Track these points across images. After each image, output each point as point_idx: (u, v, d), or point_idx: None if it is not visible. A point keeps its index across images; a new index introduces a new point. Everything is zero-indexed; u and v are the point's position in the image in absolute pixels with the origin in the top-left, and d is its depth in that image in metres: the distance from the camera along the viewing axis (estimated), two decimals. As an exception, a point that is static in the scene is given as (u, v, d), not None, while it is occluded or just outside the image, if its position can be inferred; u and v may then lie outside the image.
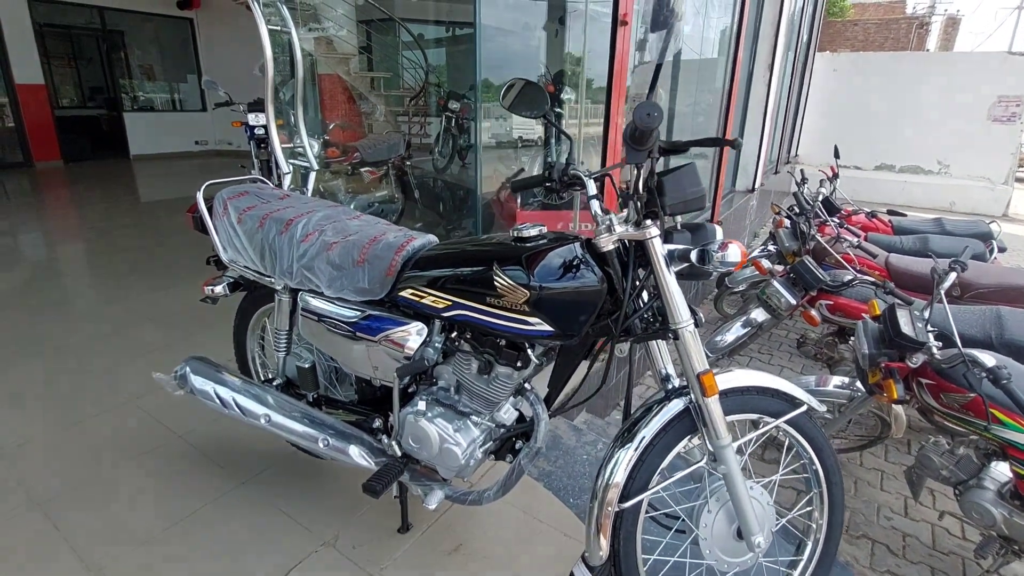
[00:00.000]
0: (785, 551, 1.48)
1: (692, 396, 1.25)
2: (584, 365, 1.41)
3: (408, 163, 4.68)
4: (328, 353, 1.60)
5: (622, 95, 2.60)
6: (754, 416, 1.34)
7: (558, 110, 4.32)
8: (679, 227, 1.23)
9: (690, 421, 1.27)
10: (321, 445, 1.57)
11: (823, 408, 1.40)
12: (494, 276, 1.23)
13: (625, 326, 1.22)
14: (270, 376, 1.87)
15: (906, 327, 2.06)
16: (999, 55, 8.95)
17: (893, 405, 2.24)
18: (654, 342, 1.29)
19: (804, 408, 1.34)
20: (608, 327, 1.25)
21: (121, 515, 1.75)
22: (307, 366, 1.65)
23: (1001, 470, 1.96)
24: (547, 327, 1.21)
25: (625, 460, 1.23)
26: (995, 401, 1.82)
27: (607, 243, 1.20)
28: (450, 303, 1.32)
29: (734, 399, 1.29)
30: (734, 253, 1.09)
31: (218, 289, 1.73)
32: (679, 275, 1.20)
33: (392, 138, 4.67)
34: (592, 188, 1.28)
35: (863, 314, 2.55)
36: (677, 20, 1.00)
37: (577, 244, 1.24)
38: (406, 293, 1.40)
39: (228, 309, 2.01)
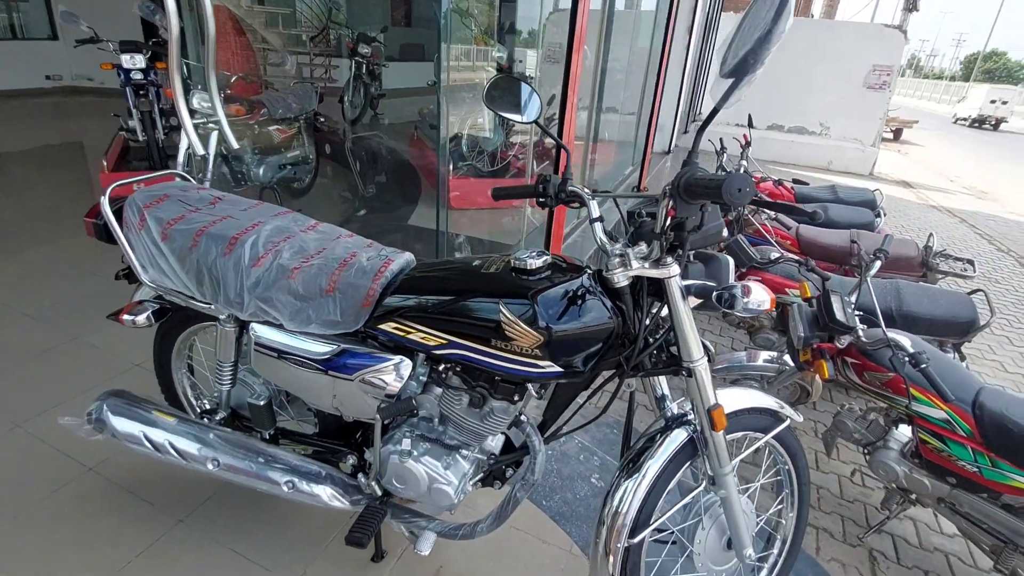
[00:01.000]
0: (756, 546, 1.59)
1: (697, 426, 1.25)
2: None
3: (321, 118, 4.19)
4: (289, 390, 1.40)
5: (580, 62, 2.48)
6: (744, 433, 1.38)
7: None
8: (691, 259, 1.18)
9: (691, 449, 1.27)
10: (285, 489, 1.40)
11: (800, 419, 1.47)
12: (501, 317, 1.11)
13: (636, 362, 1.17)
14: (207, 406, 1.63)
15: (839, 313, 2.23)
16: (876, 26, 9.75)
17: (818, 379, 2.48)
18: None
19: (787, 422, 1.40)
20: (615, 361, 1.20)
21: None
22: (262, 403, 1.44)
23: (903, 432, 2.24)
24: (558, 368, 1.13)
25: (634, 493, 1.22)
26: (913, 381, 2.04)
27: (622, 279, 1.12)
28: (444, 342, 1.18)
29: (730, 422, 1.30)
30: (761, 298, 1.06)
31: (141, 320, 1.43)
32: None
33: (302, 90, 4.14)
34: (595, 210, 1.18)
35: (796, 296, 2.73)
36: (759, 69, 0.90)
37: (587, 277, 1.15)
38: (388, 327, 1.24)
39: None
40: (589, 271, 1.18)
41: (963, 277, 3.42)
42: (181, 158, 3.51)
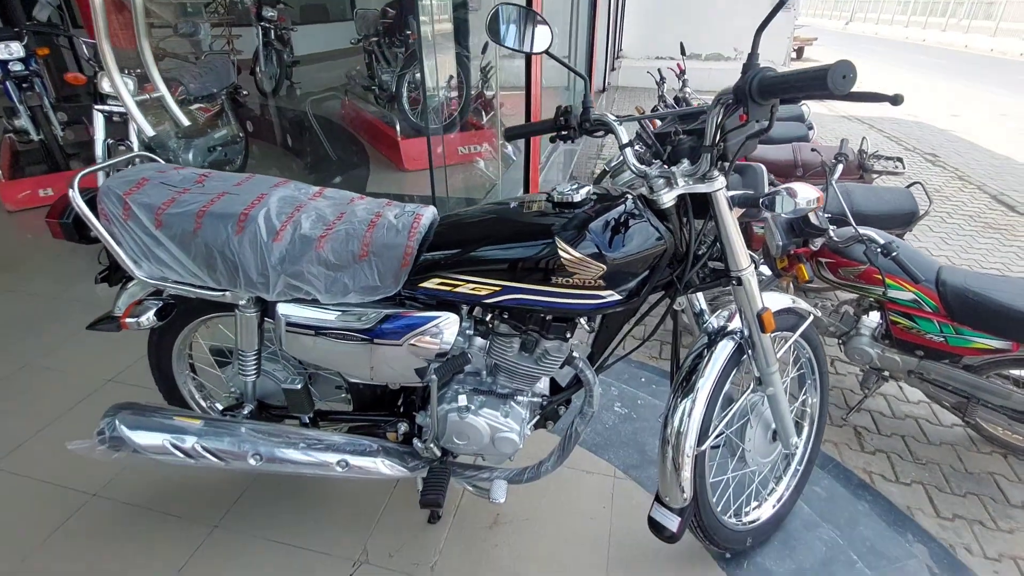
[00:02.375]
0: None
1: (743, 332, 1.30)
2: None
3: (244, 91, 3.83)
4: (328, 367, 1.32)
5: None
6: (774, 334, 1.45)
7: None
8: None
9: (737, 356, 1.33)
10: (339, 469, 1.35)
11: (820, 314, 1.56)
12: (559, 252, 1.08)
13: (687, 280, 1.19)
14: (218, 406, 1.52)
15: (812, 217, 2.36)
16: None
17: (793, 282, 2.64)
18: None
19: (811, 318, 1.48)
20: (666, 283, 1.21)
21: (71, 619, 1.36)
22: (299, 386, 1.36)
23: (873, 319, 2.44)
24: (616, 296, 1.13)
25: (693, 409, 1.26)
26: (884, 269, 2.22)
27: (668, 199, 1.12)
28: (498, 288, 1.14)
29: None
30: (809, 195, 1.09)
31: (146, 320, 1.28)
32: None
33: (218, 62, 3.76)
34: (624, 136, 1.16)
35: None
36: None
37: (631, 202, 1.14)
38: (431, 284, 1.18)
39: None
40: (631, 196, 1.17)
41: (895, 174, 3.69)
42: (99, 151, 3.14)
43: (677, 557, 1.53)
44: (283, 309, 1.23)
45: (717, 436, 1.32)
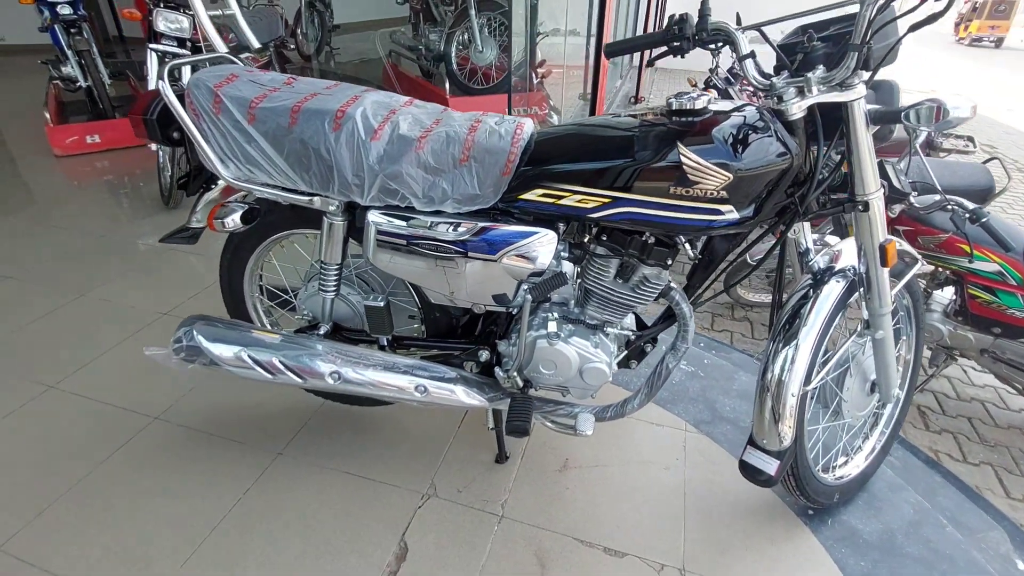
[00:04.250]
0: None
1: (856, 269, 1.21)
2: None
3: (292, 46, 3.77)
4: (415, 283, 1.26)
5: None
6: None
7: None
8: None
9: (846, 296, 1.24)
10: (418, 394, 1.29)
11: (923, 263, 1.47)
12: (682, 159, 1.00)
13: (809, 202, 1.10)
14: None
15: (895, 180, 2.23)
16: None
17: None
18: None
19: (919, 265, 1.39)
20: (783, 205, 1.12)
21: (150, 531, 1.34)
22: (381, 304, 1.30)
23: (946, 295, 2.32)
24: (736, 215, 1.05)
25: (799, 355, 1.17)
26: (970, 238, 2.10)
27: (799, 109, 1.03)
28: (608, 200, 1.07)
29: None
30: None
31: (231, 222, 1.23)
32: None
33: (267, 14, 3.70)
34: (745, 46, 1.07)
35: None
36: None
37: (757, 111, 1.05)
38: (533, 195, 1.11)
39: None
40: (754, 106, 1.08)
41: (965, 153, 3.52)
42: (152, 78, 3.08)
43: (758, 510, 1.46)
44: (374, 216, 1.17)
45: (820, 381, 1.24)
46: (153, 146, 2.87)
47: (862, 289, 1.24)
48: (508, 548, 1.34)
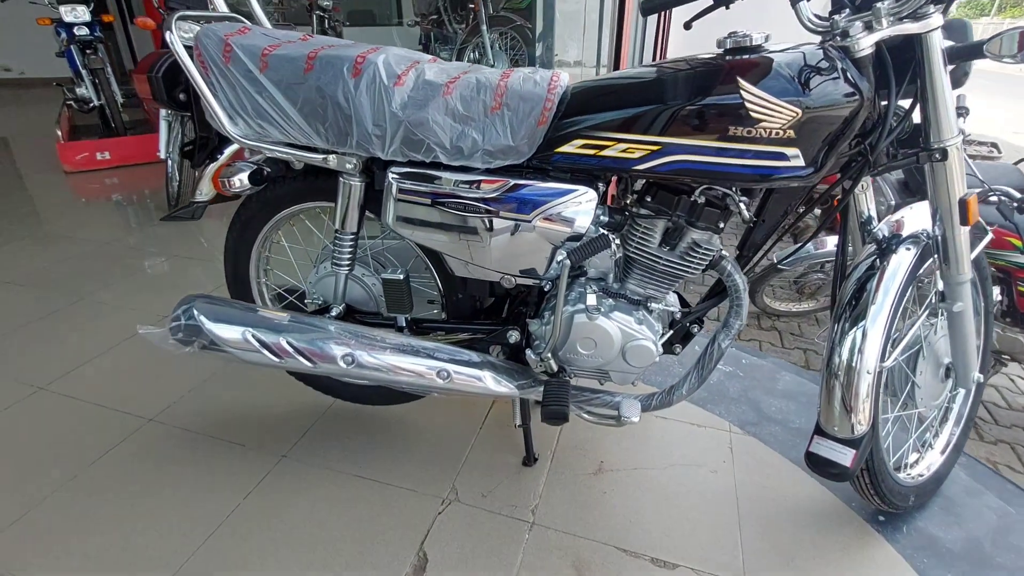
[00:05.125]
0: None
1: (937, 230, 1.08)
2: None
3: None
4: (440, 249, 1.14)
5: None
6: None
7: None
8: None
9: (917, 266, 1.11)
10: (440, 380, 1.16)
11: (992, 232, 1.34)
12: (744, 94, 0.90)
13: (879, 151, 0.99)
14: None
15: (933, 171, 2.13)
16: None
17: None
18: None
19: (989, 237, 1.26)
20: (851, 156, 1.01)
21: (137, 538, 1.19)
22: (401, 277, 1.18)
23: (993, 295, 2.18)
24: (802, 161, 0.93)
25: (871, 336, 1.04)
26: (1012, 230, 1.97)
27: (868, 43, 0.92)
28: (657, 147, 0.96)
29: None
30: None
31: (238, 181, 1.12)
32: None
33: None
34: None
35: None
36: None
37: (821, 49, 0.95)
38: (571, 147, 1.00)
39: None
40: (816, 44, 0.98)
41: (990, 159, 3.44)
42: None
43: (821, 516, 1.29)
44: (395, 173, 1.06)
45: (894, 360, 1.09)
46: (162, 154, 2.82)
47: (936, 255, 1.11)
48: (542, 559, 1.18)
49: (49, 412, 1.56)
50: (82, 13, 3.74)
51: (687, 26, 1.23)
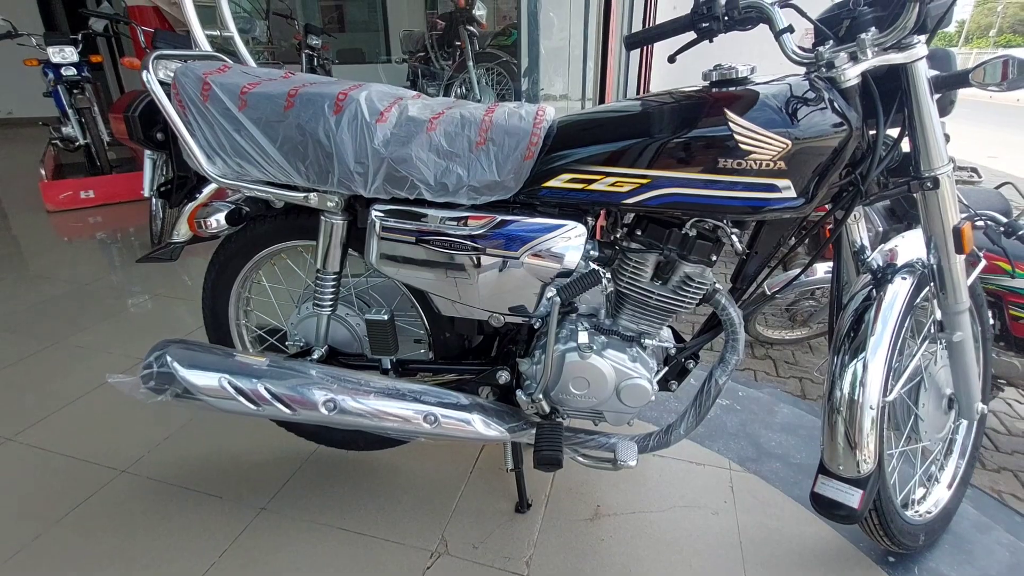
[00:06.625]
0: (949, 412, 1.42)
1: (932, 259, 1.06)
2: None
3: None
4: (424, 290, 1.11)
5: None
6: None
7: (471, 28, 3.78)
8: None
9: (914, 295, 1.09)
10: (427, 425, 1.10)
11: (985, 260, 1.33)
12: (730, 123, 0.88)
13: (870, 180, 0.98)
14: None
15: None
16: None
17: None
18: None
19: (982, 263, 1.25)
20: (841, 186, 1.00)
21: (89, 607, 1.10)
22: (385, 317, 1.14)
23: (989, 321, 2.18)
24: (794, 192, 0.91)
25: (872, 368, 1.01)
26: (1000, 254, 1.98)
27: (854, 73, 0.92)
28: (646, 180, 0.94)
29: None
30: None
31: (214, 222, 1.09)
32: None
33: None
34: (781, 21, 0.98)
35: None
36: None
37: (807, 80, 0.94)
38: (559, 181, 0.98)
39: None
40: (801, 75, 0.97)
41: (971, 183, 3.50)
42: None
43: (829, 558, 1.24)
44: (378, 211, 1.03)
45: (897, 392, 1.06)
46: (146, 192, 2.78)
47: (932, 284, 1.09)
48: (537, 614, 1.10)
49: (16, 465, 1.47)
50: (69, 54, 3.75)
51: (671, 60, 1.23)
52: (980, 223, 1.99)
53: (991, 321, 2.16)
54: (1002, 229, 1.93)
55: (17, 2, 7.99)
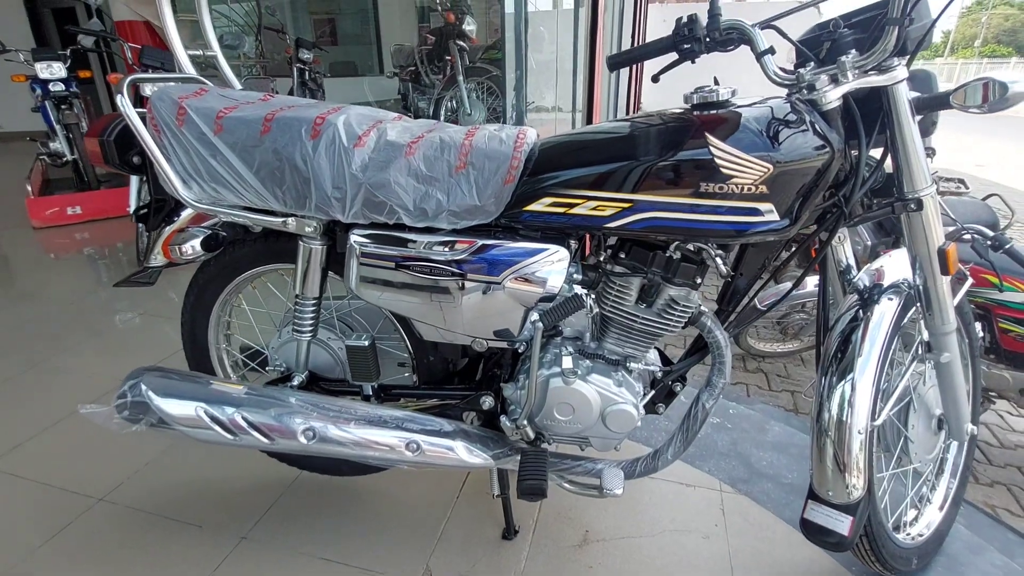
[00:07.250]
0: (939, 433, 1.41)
1: (918, 280, 1.05)
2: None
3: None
4: (405, 316, 1.09)
5: None
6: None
7: (461, 43, 3.79)
8: None
9: (901, 315, 1.08)
10: (409, 453, 1.08)
11: (971, 279, 1.32)
12: (711, 147, 0.87)
13: (853, 201, 0.97)
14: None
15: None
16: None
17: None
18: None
19: (969, 283, 1.24)
20: (824, 208, 0.99)
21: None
22: (366, 344, 1.11)
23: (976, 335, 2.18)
24: (776, 215, 0.91)
25: (860, 389, 0.99)
26: (988, 267, 1.98)
27: (835, 95, 0.91)
28: (628, 204, 0.93)
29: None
30: (1018, 77, 0.88)
31: (189, 248, 1.07)
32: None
33: (259, 86, 3.76)
34: (762, 42, 0.97)
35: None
36: None
37: (788, 102, 0.94)
38: (540, 205, 0.97)
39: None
40: (783, 97, 0.97)
41: (957, 195, 3.52)
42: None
43: (822, 584, 1.21)
44: (357, 236, 1.01)
45: (887, 415, 1.05)
46: (132, 209, 2.75)
47: (919, 305, 1.08)
48: (524, 647, 1.07)
49: (-12, 494, 1.43)
50: (58, 70, 3.74)
51: (655, 79, 1.23)
52: (967, 236, 1.99)
53: (980, 333, 2.16)
54: (989, 242, 1.93)
55: (9, 18, 8.00)
